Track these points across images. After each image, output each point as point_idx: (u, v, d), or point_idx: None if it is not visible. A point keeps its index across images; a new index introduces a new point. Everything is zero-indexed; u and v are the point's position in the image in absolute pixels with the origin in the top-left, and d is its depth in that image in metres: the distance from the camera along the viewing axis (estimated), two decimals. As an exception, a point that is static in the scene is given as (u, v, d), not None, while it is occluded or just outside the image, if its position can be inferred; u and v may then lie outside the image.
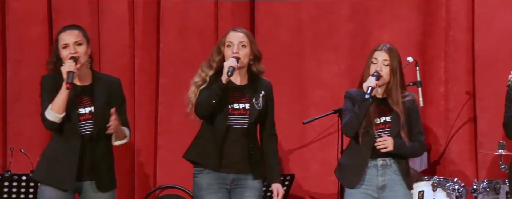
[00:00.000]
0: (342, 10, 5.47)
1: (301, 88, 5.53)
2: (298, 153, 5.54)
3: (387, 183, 4.01)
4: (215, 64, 4.05)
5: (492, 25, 5.26)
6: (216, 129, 4.01)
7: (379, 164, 4.02)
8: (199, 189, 4.03)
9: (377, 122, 4.02)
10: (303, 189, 5.50)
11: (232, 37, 4.06)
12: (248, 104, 4.06)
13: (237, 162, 4.01)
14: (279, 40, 5.54)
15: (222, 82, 3.94)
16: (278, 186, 4.10)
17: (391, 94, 4.02)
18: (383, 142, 3.96)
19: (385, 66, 4.01)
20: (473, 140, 5.30)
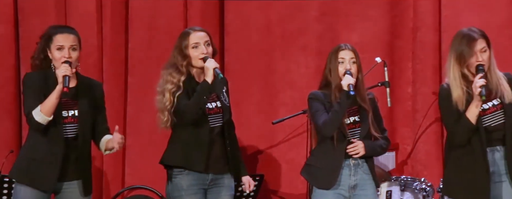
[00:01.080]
0: (311, 11, 5.52)
1: (270, 88, 5.56)
2: (267, 153, 5.57)
3: (359, 183, 4.08)
4: (184, 69, 4.06)
5: (459, 26, 5.29)
6: (199, 131, 4.03)
7: (352, 164, 4.08)
8: (179, 189, 4.04)
9: (347, 122, 4.08)
10: (272, 189, 5.53)
11: (197, 38, 4.08)
12: (218, 101, 4.10)
13: (217, 162, 4.06)
14: (248, 40, 5.57)
15: (209, 84, 3.95)
16: (249, 178, 4.19)
17: (359, 91, 4.09)
18: (355, 148, 4.04)
19: (353, 64, 4.08)
20: (440, 140, 5.36)
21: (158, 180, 5.51)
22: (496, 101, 3.87)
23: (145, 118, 5.61)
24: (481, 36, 3.89)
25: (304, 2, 5.54)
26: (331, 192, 4.05)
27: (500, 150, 3.86)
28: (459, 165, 3.88)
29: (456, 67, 3.87)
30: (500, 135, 3.85)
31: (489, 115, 3.85)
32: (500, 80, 3.89)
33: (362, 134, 4.09)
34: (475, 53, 3.84)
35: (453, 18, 5.33)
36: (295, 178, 5.47)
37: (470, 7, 5.30)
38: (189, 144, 4.06)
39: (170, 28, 5.63)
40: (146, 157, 5.61)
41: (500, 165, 3.85)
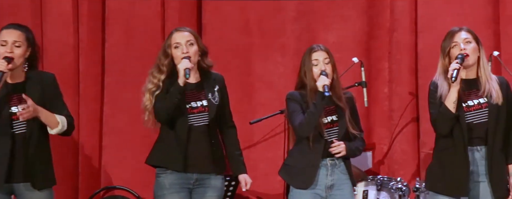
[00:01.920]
0: (289, 11, 5.55)
1: (248, 88, 5.58)
2: (245, 153, 5.50)
3: (335, 183, 4.11)
4: (165, 68, 4.08)
5: (434, 26, 5.40)
6: (178, 130, 4.04)
7: (329, 164, 4.11)
8: (161, 188, 4.05)
9: (324, 121, 4.11)
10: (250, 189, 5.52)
11: (178, 38, 4.09)
12: (205, 100, 4.11)
13: (201, 162, 4.06)
14: (226, 40, 5.59)
15: (180, 85, 3.97)
16: (245, 176, 4.21)
17: (334, 90, 4.12)
18: (337, 147, 4.07)
19: (327, 64, 4.12)
20: (416, 140, 5.42)
21: (135, 180, 5.52)
22: (482, 99, 3.93)
23: (122, 118, 5.61)
24: (466, 30, 3.98)
25: (282, 2, 5.57)
26: (308, 191, 4.08)
27: (480, 150, 3.92)
28: (441, 159, 3.96)
29: (442, 62, 3.96)
30: (482, 134, 3.91)
31: (473, 112, 3.91)
32: (491, 80, 3.95)
33: (340, 133, 4.12)
34: (457, 43, 3.89)
35: (429, 19, 5.40)
36: (272, 178, 5.49)
37: (446, 8, 5.36)
38: (168, 143, 4.08)
39: (148, 28, 5.64)
40: (123, 157, 5.61)
41: (480, 165, 3.91)
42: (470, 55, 3.90)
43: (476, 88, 3.95)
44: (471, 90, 3.96)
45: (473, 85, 3.96)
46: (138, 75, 5.47)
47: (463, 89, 3.92)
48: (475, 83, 3.95)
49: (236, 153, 4.21)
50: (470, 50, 3.91)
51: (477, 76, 3.96)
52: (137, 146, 5.45)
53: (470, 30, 4.00)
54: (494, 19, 5.31)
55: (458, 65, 3.82)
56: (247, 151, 5.56)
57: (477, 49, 3.95)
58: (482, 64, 3.95)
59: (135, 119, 5.42)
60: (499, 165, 3.92)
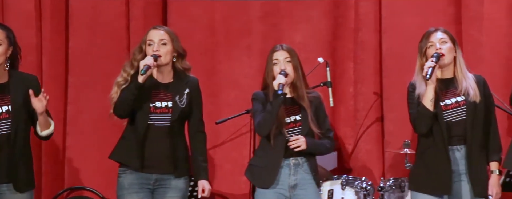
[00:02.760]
0: (255, 11, 5.58)
1: (214, 88, 5.59)
2: (210, 153, 5.59)
3: (299, 182, 4.13)
4: (137, 63, 4.08)
5: (398, 27, 5.47)
6: (137, 128, 4.04)
7: (292, 163, 4.13)
8: (121, 188, 4.05)
9: (287, 121, 4.13)
10: (216, 189, 5.56)
11: (153, 35, 4.10)
12: (171, 102, 4.10)
13: (160, 162, 4.05)
14: (192, 39, 5.58)
15: (137, 81, 3.97)
16: (204, 183, 4.18)
17: (297, 90, 4.15)
18: (296, 141, 4.07)
19: (288, 63, 4.14)
20: (380, 139, 5.49)
21: (99, 180, 5.49)
22: (460, 97, 4.00)
23: (86, 118, 5.58)
24: (442, 30, 4.05)
25: (247, 2, 5.59)
26: (271, 191, 4.10)
27: (460, 149, 3.98)
28: (424, 159, 4.01)
29: (419, 62, 4.02)
30: (461, 132, 3.97)
31: (451, 110, 3.98)
32: (468, 79, 4.01)
33: (302, 133, 4.12)
34: (433, 43, 3.96)
35: (393, 19, 5.47)
36: (238, 178, 5.52)
37: (410, 8, 5.44)
38: (129, 141, 4.08)
39: (112, 27, 5.62)
40: (87, 158, 5.58)
41: (460, 164, 3.97)
42: (445, 55, 3.98)
43: (453, 87, 4.02)
44: (449, 89, 4.03)
45: (450, 84, 4.02)
46: (102, 74, 5.46)
47: (440, 88, 3.99)
48: (452, 82, 4.02)
49: (199, 158, 4.20)
50: (445, 49, 3.98)
51: (454, 75, 4.04)
52: (101, 146, 5.43)
53: (446, 30, 4.08)
54: (456, 20, 5.40)
55: (433, 63, 3.89)
56: (213, 151, 5.58)
57: (453, 49, 4.02)
58: (458, 63, 4.03)
59: (100, 119, 5.42)
60: (478, 163, 3.99)
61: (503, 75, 5.27)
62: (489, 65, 5.29)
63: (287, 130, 4.12)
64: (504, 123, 5.23)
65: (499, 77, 5.27)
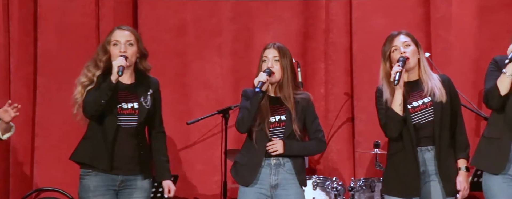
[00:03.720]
0: (225, 12, 5.60)
1: (185, 89, 5.61)
2: (182, 153, 5.61)
3: (280, 182, 4.13)
4: (102, 64, 4.06)
5: (369, 28, 5.53)
6: (106, 129, 4.03)
7: (273, 163, 4.13)
8: (86, 191, 4.03)
9: (272, 120, 4.14)
10: (187, 189, 5.57)
11: (118, 36, 4.09)
12: (136, 103, 4.10)
13: (127, 163, 4.05)
14: (162, 40, 5.59)
15: (112, 82, 3.97)
16: (168, 183, 4.19)
17: (283, 90, 4.15)
18: (273, 146, 4.09)
19: (276, 62, 4.14)
20: (351, 140, 5.55)
21: (68, 181, 5.46)
22: (427, 99, 4.04)
23: (55, 118, 5.55)
24: (405, 33, 4.08)
25: (218, 2, 5.61)
26: (251, 189, 4.12)
27: (431, 150, 4.03)
28: (393, 162, 4.06)
29: (383, 67, 4.06)
30: (429, 133, 4.02)
31: (418, 112, 4.03)
32: (433, 80, 4.06)
33: (285, 133, 4.12)
34: (397, 47, 4.00)
35: (363, 20, 5.53)
36: (209, 179, 5.54)
37: (379, 9, 5.51)
38: (95, 142, 4.07)
39: (82, 27, 5.60)
40: (56, 158, 5.55)
41: (430, 165, 4.02)
42: (410, 58, 4.01)
43: (419, 89, 4.06)
44: (415, 91, 4.07)
45: (416, 86, 4.07)
46: (72, 75, 5.38)
47: (407, 91, 4.03)
48: (418, 84, 4.07)
49: (162, 159, 4.22)
50: (410, 53, 4.02)
51: (419, 77, 4.07)
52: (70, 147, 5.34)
53: (409, 33, 4.11)
54: (425, 21, 5.49)
55: (400, 68, 3.93)
56: (184, 151, 5.59)
57: (416, 52, 4.07)
58: (422, 65, 4.07)
59: (69, 120, 5.35)
60: (448, 162, 4.04)
61: (471, 75, 5.37)
62: (458, 65, 5.38)
63: (270, 129, 4.12)
64: (472, 123, 5.31)
65: (467, 77, 5.36)
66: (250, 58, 5.60)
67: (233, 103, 5.39)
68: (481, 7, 5.38)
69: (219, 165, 5.30)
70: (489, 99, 3.88)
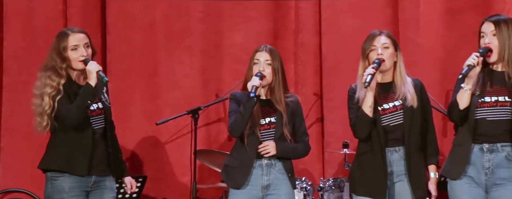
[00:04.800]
0: (195, 11, 5.63)
1: (154, 89, 5.62)
2: (151, 154, 5.61)
3: (272, 183, 4.18)
4: (64, 72, 4.03)
5: (338, 28, 5.59)
6: (81, 134, 4.03)
7: (264, 163, 4.18)
8: (60, 192, 4.02)
9: (262, 122, 4.18)
10: (156, 190, 5.57)
11: (76, 40, 4.06)
12: (100, 103, 4.12)
13: (99, 164, 4.08)
14: (131, 40, 5.59)
15: (92, 87, 3.96)
16: (130, 179, 4.24)
17: (274, 93, 4.20)
18: (265, 148, 4.14)
19: (268, 66, 4.19)
20: (320, 140, 5.61)
21: (35, 182, 5.43)
22: (398, 102, 4.09)
23: (21, 118, 5.52)
24: (386, 34, 4.13)
25: (187, 2, 5.63)
26: (242, 191, 4.16)
27: (399, 151, 4.08)
28: (361, 162, 4.12)
29: (361, 65, 4.10)
30: (399, 136, 4.07)
31: (388, 115, 4.08)
32: (406, 84, 4.11)
33: (276, 135, 4.17)
34: (376, 47, 4.05)
35: (332, 20, 5.60)
36: (179, 179, 5.55)
37: (348, 10, 5.58)
38: (72, 148, 4.06)
39: (49, 26, 5.58)
40: (23, 159, 5.52)
41: (399, 165, 4.08)
42: (386, 61, 4.06)
43: (392, 92, 4.12)
44: (387, 93, 4.12)
45: (389, 89, 4.13)
46: (39, 75, 5.39)
47: (379, 92, 4.08)
48: (391, 87, 4.13)
49: (120, 156, 4.25)
50: (387, 55, 4.07)
51: (393, 79, 4.13)
52: (36, 148, 5.35)
53: (390, 34, 4.16)
54: (393, 22, 5.56)
55: (373, 70, 3.98)
56: (153, 152, 5.59)
57: (394, 54, 4.12)
58: (398, 68, 4.12)
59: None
60: (417, 165, 4.10)
61: (439, 76, 5.46)
62: (425, 66, 5.46)
63: (261, 131, 4.17)
64: (439, 123, 5.40)
65: (435, 78, 5.44)
66: (220, 58, 5.63)
67: (203, 104, 5.42)
68: (448, 8, 5.47)
69: (188, 166, 5.31)
70: (451, 113, 3.96)
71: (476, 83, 3.88)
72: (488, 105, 3.89)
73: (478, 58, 3.82)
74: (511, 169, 3.87)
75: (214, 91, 5.64)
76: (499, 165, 3.87)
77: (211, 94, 5.63)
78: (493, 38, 3.87)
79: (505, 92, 3.89)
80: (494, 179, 3.87)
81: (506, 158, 3.87)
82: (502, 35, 3.86)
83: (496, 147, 3.88)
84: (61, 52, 4.03)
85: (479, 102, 3.89)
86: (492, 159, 3.88)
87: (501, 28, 3.87)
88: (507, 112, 3.87)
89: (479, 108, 3.89)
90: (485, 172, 3.88)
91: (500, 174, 3.86)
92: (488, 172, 3.88)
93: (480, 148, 3.90)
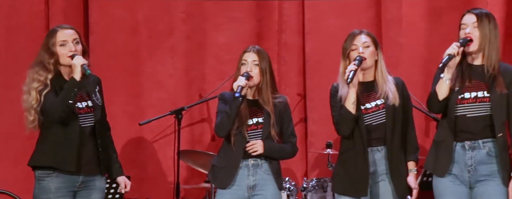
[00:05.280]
0: (178, 11, 5.63)
1: (137, 89, 5.63)
2: (134, 154, 5.61)
3: (258, 183, 4.20)
4: (52, 67, 4.05)
5: (321, 28, 5.63)
6: (69, 131, 4.03)
7: (250, 164, 4.20)
8: (47, 192, 4.02)
9: (249, 123, 4.20)
10: (139, 190, 5.57)
11: (64, 36, 4.08)
12: (90, 101, 4.12)
13: (88, 163, 4.08)
14: (114, 40, 5.59)
15: (76, 80, 3.96)
16: (124, 178, 4.25)
17: (262, 94, 4.22)
18: (253, 146, 4.16)
19: (255, 66, 4.21)
20: (303, 140, 5.64)
21: (18, 183, 5.40)
22: (379, 101, 4.14)
23: (4, 119, 5.51)
24: (366, 34, 4.17)
25: (171, 2, 5.64)
26: (228, 191, 4.18)
27: (381, 150, 4.12)
28: (344, 161, 4.16)
29: (342, 64, 4.13)
30: (381, 135, 4.11)
31: (370, 114, 4.12)
32: (388, 82, 4.16)
33: (263, 136, 4.19)
34: (357, 46, 4.08)
35: (316, 21, 5.64)
36: (162, 180, 5.56)
37: (332, 10, 5.62)
38: (59, 145, 4.06)
39: (31, 26, 5.57)
40: (5, 160, 5.49)
41: (381, 165, 4.12)
42: (367, 59, 4.10)
43: (373, 91, 4.16)
44: (369, 92, 4.16)
45: (371, 88, 4.17)
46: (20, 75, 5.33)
47: (361, 91, 4.12)
48: (373, 86, 4.17)
49: (114, 155, 4.26)
50: (367, 54, 4.11)
51: (374, 78, 4.17)
52: (19, 148, 5.36)
53: (370, 33, 4.20)
54: (376, 22, 5.61)
55: (354, 67, 4.02)
56: (136, 152, 5.59)
57: (375, 53, 4.16)
58: (379, 67, 4.16)
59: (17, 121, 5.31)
60: (399, 164, 4.14)
61: (421, 76, 5.51)
62: (408, 67, 5.51)
63: (248, 132, 4.18)
64: (422, 124, 5.44)
65: (417, 78, 5.49)
66: (203, 59, 5.65)
67: (186, 104, 5.43)
68: (431, 9, 5.53)
69: (172, 166, 5.32)
70: (430, 104, 4.01)
71: (455, 78, 3.94)
72: (467, 101, 3.94)
73: (458, 48, 3.87)
74: (492, 165, 3.92)
75: (197, 91, 5.66)
76: (481, 162, 3.93)
77: (194, 94, 5.65)
78: (475, 29, 3.93)
79: (483, 87, 3.94)
80: (477, 176, 3.93)
81: (487, 154, 3.93)
82: (483, 28, 3.92)
83: (478, 143, 3.93)
84: (49, 47, 4.06)
85: (459, 98, 3.94)
86: (474, 157, 3.93)
87: (482, 21, 3.93)
88: (486, 107, 3.93)
89: (459, 105, 3.94)
90: (468, 170, 3.94)
91: (483, 170, 3.92)
92: (471, 170, 3.93)
93: (462, 146, 3.95)
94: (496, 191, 3.90)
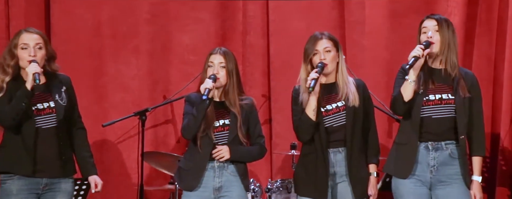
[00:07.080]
0: (142, 12, 5.66)
1: (100, 90, 5.64)
2: (97, 155, 5.59)
3: (224, 185, 4.23)
4: (11, 69, 4.07)
5: (285, 30, 5.70)
6: (24, 134, 4.05)
7: (216, 165, 4.23)
8: (8, 195, 4.06)
9: (216, 125, 4.23)
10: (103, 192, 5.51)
11: (27, 39, 4.10)
12: (52, 101, 4.12)
13: (50, 166, 4.10)
14: (77, 41, 5.59)
15: (28, 90, 3.98)
16: (95, 178, 4.27)
17: (228, 96, 4.25)
18: (219, 152, 4.20)
19: (222, 68, 4.24)
20: (268, 141, 5.70)
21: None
22: (340, 103, 4.21)
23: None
24: (327, 37, 4.22)
25: (134, 3, 5.66)
26: (194, 193, 4.22)
27: (342, 151, 4.19)
28: (304, 163, 4.22)
29: (303, 68, 4.19)
30: (341, 136, 4.18)
31: (331, 116, 4.19)
32: (348, 84, 4.23)
33: (229, 138, 4.22)
34: (318, 51, 4.15)
35: (280, 22, 5.71)
36: (126, 181, 5.58)
37: (296, 12, 5.70)
38: (14, 148, 4.09)
39: (-9, 27, 5.50)
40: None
41: (341, 166, 4.20)
42: (329, 64, 4.17)
43: (334, 93, 4.24)
44: (330, 94, 4.24)
45: (332, 89, 4.24)
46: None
47: (322, 93, 4.19)
48: (334, 87, 4.24)
49: (86, 155, 4.29)
50: (329, 59, 4.18)
51: (335, 80, 4.24)
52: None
53: (331, 36, 4.25)
54: (340, 24, 5.70)
55: (316, 75, 4.09)
56: (100, 154, 5.59)
57: (336, 56, 4.23)
58: (340, 69, 4.23)
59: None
60: (359, 165, 4.22)
61: (384, 77, 5.62)
62: (371, 68, 5.61)
63: (215, 133, 4.20)
64: (385, 125, 5.54)
65: (380, 79, 5.60)
66: (167, 60, 5.67)
67: (151, 105, 5.45)
68: (392, 11, 5.64)
69: (136, 168, 5.33)
70: (395, 106, 4.10)
71: (418, 81, 4.04)
72: (433, 103, 4.06)
73: (423, 50, 3.99)
74: (454, 166, 4.05)
75: (161, 93, 5.69)
76: (444, 163, 4.05)
77: (158, 96, 5.67)
78: (436, 33, 4.06)
79: (448, 90, 4.07)
80: (439, 177, 4.05)
81: (450, 156, 4.05)
82: (444, 32, 4.06)
83: (441, 145, 4.05)
84: (11, 49, 4.07)
85: (424, 100, 4.06)
86: (437, 157, 4.05)
87: (442, 26, 4.07)
88: (451, 109, 4.05)
89: (424, 106, 4.05)
90: (430, 170, 4.05)
91: (445, 171, 4.04)
92: (433, 170, 4.05)
93: (425, 146, 4.06)
94: (459, 193, 4.02)
